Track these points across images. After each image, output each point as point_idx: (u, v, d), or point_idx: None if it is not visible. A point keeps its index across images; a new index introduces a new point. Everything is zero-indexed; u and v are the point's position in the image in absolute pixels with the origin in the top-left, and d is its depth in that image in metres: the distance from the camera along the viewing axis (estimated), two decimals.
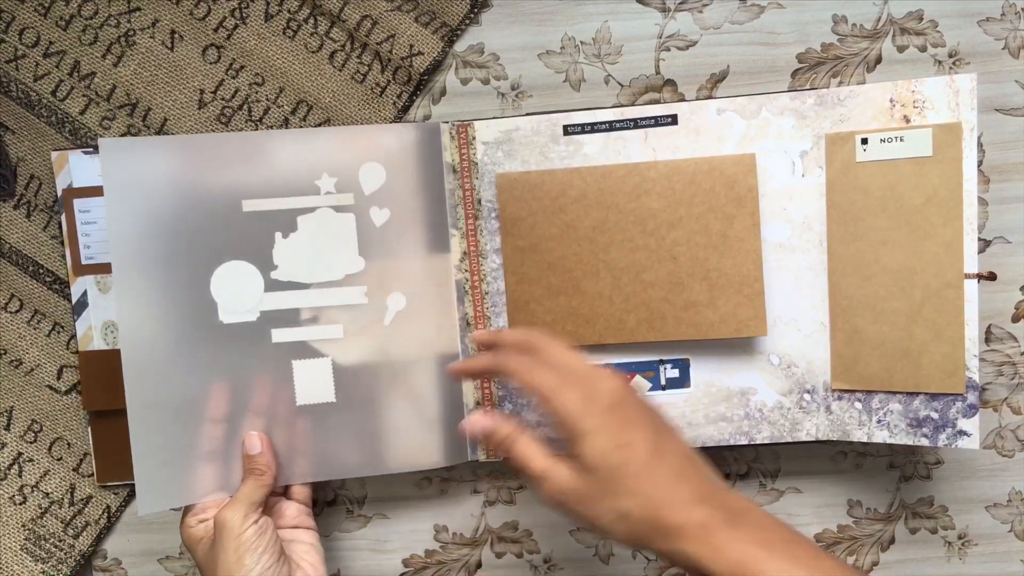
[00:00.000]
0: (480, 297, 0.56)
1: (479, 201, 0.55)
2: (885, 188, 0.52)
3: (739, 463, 0.59)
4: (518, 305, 0.55)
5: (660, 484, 0.42)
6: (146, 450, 0.52)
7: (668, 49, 0.57)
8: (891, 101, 0.52)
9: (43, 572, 0.59)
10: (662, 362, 0.56)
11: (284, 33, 0.57)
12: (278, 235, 0.53)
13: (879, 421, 0.54)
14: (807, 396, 0.55)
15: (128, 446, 0.53)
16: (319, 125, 0.58)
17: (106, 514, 0.60)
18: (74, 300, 0.57)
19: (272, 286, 0.53)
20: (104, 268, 0.57)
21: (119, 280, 0.51)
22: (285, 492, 0.55)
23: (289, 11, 0.57)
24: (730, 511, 0.42)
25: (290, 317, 0.53)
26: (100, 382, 0.57)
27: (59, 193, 0.57)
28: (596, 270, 0.55)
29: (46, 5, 0.57)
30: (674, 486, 0.42)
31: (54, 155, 0.57)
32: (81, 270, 0.57)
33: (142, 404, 0.52)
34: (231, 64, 0.57)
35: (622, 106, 0.56)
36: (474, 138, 0.55)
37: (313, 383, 0.54)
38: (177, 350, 0.52)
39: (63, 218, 0.57)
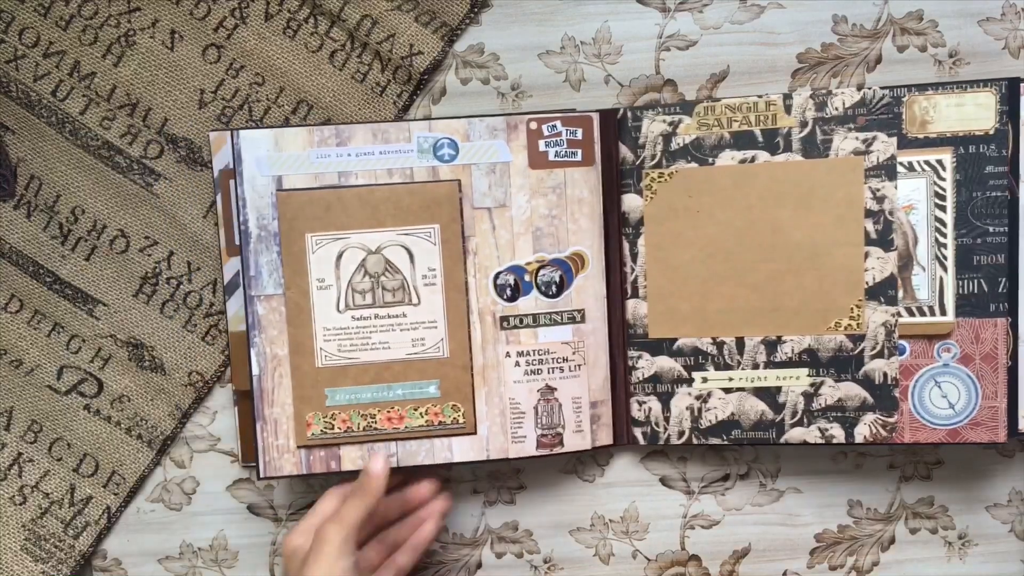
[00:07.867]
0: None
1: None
2: None
3: (739, 463, 0.59)
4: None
5: None
6: None
7: (668, 49, 0.57)
8: None
9: (43, 572, 0.59)
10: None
11: (284, 33, 0.57)
12: None
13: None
14: None
15: None
16: (319, 125, 0.58)
17: (106, 514, 0.60)
18: (226, 280, 0.57)
19: None
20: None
21: None
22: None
23: (289, 11, 0.57)
24: None
25: None
26: (247, 362, 0.56)
27: (215, 174, 0.56)
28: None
29: (46, 5, 0.57)
30: None
31: (212, 135, 0.56)
32: (234, 251, 0.57)
33: None
34: (231, 64, 0.57)
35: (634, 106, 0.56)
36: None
37: None
38: None
39: (218, 198, 0.57)
